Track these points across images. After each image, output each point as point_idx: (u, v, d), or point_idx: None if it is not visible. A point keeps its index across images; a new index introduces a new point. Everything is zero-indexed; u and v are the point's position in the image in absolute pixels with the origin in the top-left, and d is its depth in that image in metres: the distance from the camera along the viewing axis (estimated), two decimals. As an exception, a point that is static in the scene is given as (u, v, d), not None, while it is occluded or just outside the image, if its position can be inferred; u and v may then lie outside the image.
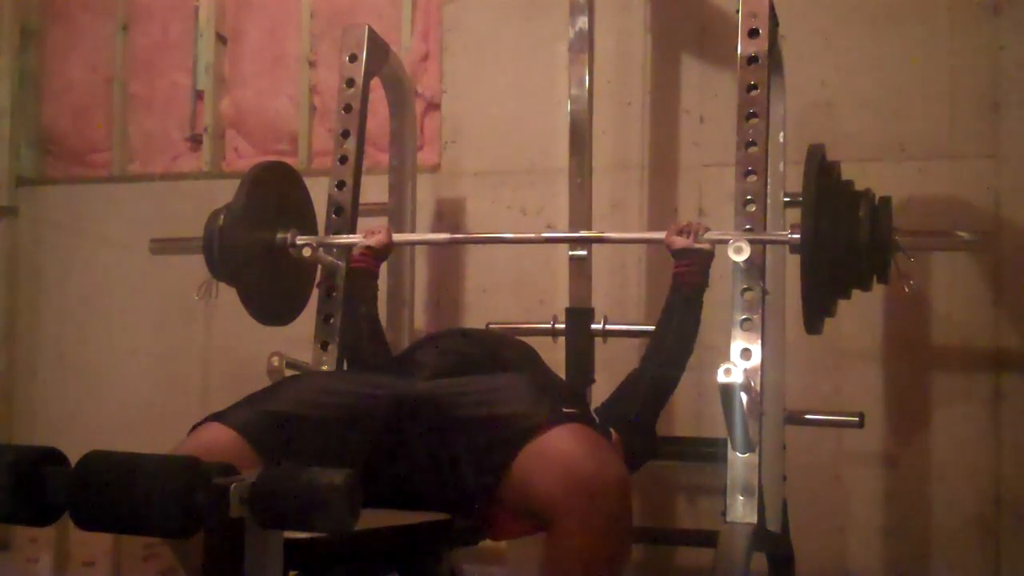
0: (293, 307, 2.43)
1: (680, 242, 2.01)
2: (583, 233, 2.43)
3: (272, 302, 2.35)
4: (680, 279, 1.98)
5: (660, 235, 2.07)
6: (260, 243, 2.27)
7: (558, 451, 1.50)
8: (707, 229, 2.02)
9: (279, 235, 2.30)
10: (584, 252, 2.47)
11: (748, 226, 2.00)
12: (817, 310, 1.98)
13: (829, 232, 1.92)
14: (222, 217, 2.24)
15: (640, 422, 1.89)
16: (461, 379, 1.72)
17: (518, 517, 1.60)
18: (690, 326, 1.95)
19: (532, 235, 2.57)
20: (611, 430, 1.75)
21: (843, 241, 1.93)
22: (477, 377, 1.73)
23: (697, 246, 1.99)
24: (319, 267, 2.36)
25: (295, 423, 1.64)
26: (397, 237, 2.28)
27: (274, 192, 2.33)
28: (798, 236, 1.94)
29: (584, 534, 1.45)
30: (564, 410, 1.58)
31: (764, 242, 2.01)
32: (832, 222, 1.93)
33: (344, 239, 2.31)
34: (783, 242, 2.01)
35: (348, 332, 2.19)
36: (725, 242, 2.00)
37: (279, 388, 1.79)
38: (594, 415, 1.79)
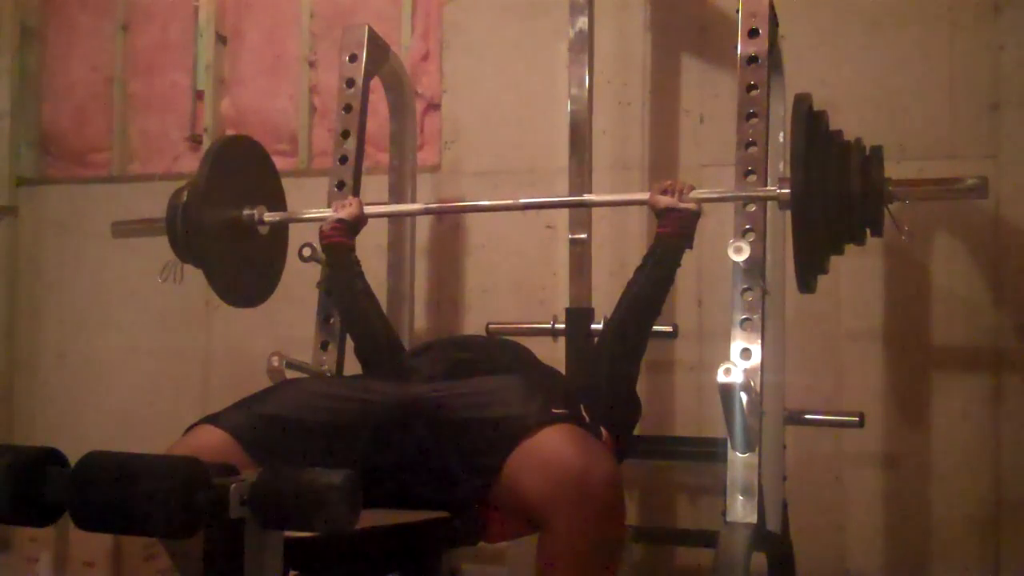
0: (264, 287, 2.36)
1: (664, 201, 1.96)
2: (563, 198, 2.40)
3: (242, 282, 2.27)
4: (661, 239, 1.93)
5: (645, 195, 2.04)
6: (226, 220, 2.19)
7: (547, 452, 1.50)
8: (692, 188, 1.98)
9: (246, 212, 2.24)
10: (584, 235, 2.47)
11: (748, 226, 1.99)
12: (810, 267, 1.94)
13: (820, 184, 1.87)
14: (185, 194, 2.15)
15: (614, 390, 1.85)
16: (454, 383, 1.72)
17: (512, 519, 1.60)
18: (659, 287, 1.90)
19: (509, 202, 2.37)
20: (602, 429, 1.75)
21: (835, 192, 1.88)
22: (470, 380, 1.73)
23: (682, 206, 1.94)
24: (282, 234, 2.31)
25: (289, 427, 1.63)
26: (368, 209, 2.23)
27: (240, 167, 2.25)
28: (788, 191, 1.90)
29: (576, 533, 1.46)
30: (554, 411, 1.58)
31: (752, 199, 1.97)
32: (822, 173, 1.88)
33: (315, 213, 2.26)
34: (772, 198, 1.96)
35: (352, 312, 2.12)
36: (711, 200, 2.00)
37: (274, 392, 1.79)
38: (585, 414, 1.78)
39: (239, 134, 2.42)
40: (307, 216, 2.29)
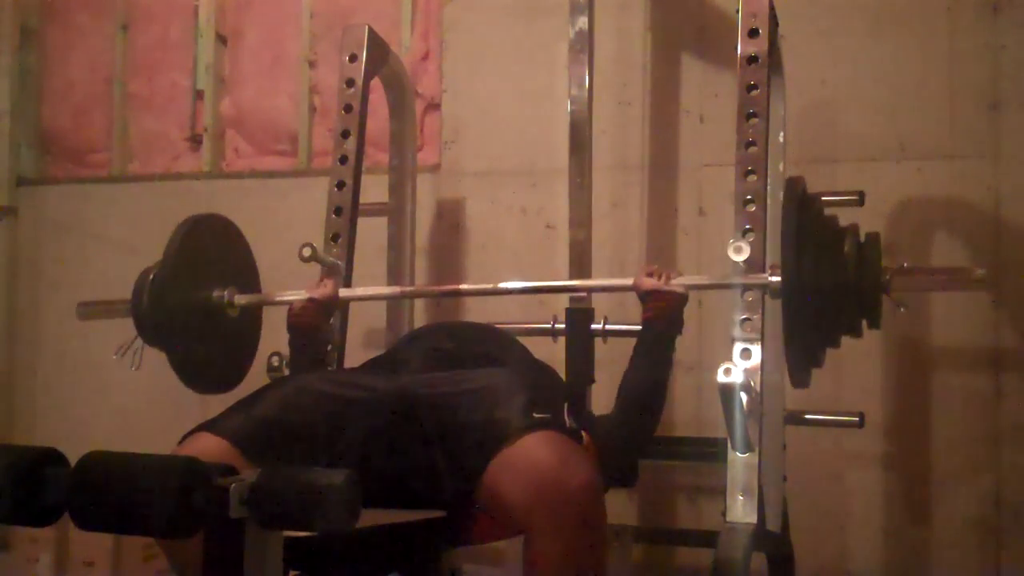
0: (233, 373, 2.25)
1: (649, 283, 1.93)
2: (547, 283, 2.34)
3: (209, 368, 2.17)
4: (647, 326, 1.90)
5: (628, 281, 2.00)
6: (194, 303, 2.13)
7: (526, 460, 1.50)
8: (679, 274, 1.95)
9: (216, 293, 2.18)
10: (584, 235, 2.45)
11: (748, 226, 1.99)
12: (802, 361, 1.86)
13: (812, 274, 1.78)
14: (151, 275, 2.10)
15: (619, 463, 1.84)
16: (440, 376, 1.72)
17: (496, 521, 1.61)
18: (653, 377, 1.85)
19: (489, 286, 2.29)
20: (583, 433, 1.75)
21: (828, 284, 1.78)
22: (455, 375, 1.73)
23: (667, 288, 1.91)
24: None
25: (283, 428, 1.63)
26: (344, 292, 2.20)
27: (211, 247, 2.19)
28: (778, 279, 1.84)
29: (557, 540, 1.46)
30: (535, 415, 1.58)
31: (741, 287, 1.91)
32: (815, 263, 1.79)
33: (288, 295, 2.18)
34: (763, 285, 1.90)
35: None
36: (699, 287, 1.97)
37: (264, 393, 1.78)
38: (566, 417, 1.77)
39: (209, 213, 2.31)
40: (280, 299, 2.22)
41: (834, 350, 1.86)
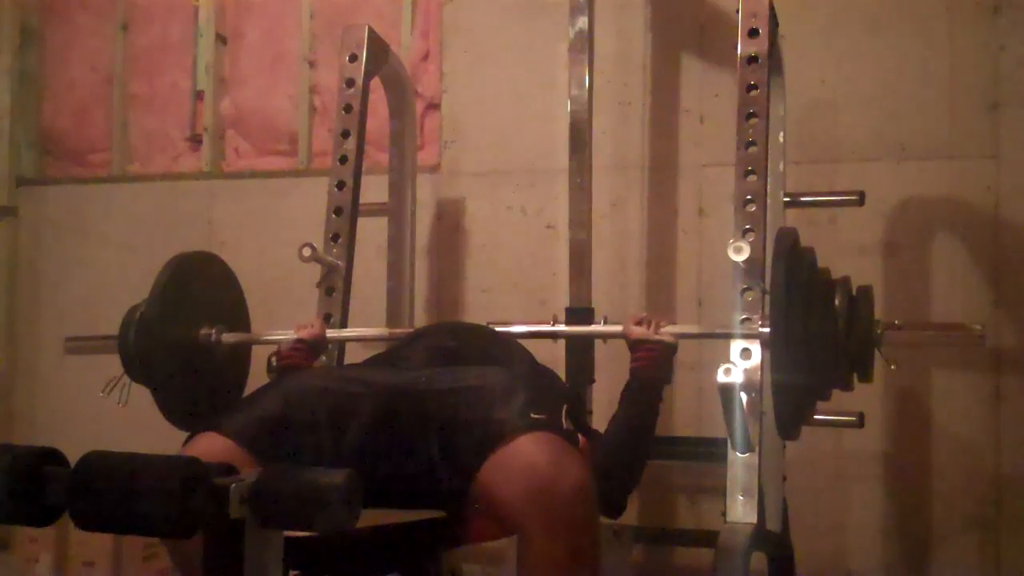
0: (220, 409, 2.16)
1: (638, 332, 1.92)
2: (538, 327, 2.24)
3: (194, 405, 2.14)
4: (635, 374, 1.88)
5: (618, 328, 2.00)
6: (181, 341, 2.12)
7: (521, 461, 1.51)
8: (670, 323, 1.95)
9: (203, 331, 2.17)
10: (584, 235, 2.46)
11: (748, 226, 1.99)
12: (792, 413, 1.82)
13: (800, 333, 1.73)
14: (138, 313, 2.09)
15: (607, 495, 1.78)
16: (439, 372, 1.72)
17: (491, 520, 1.61)
18: (639, 425, 1.83)
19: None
20: (579, 435, 1.74)
21: (817, 339, 1.74)
22: (455, 371, 1.73)
23: (656, 338, 1.90)
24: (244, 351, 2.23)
25: (287, 424, 1.64)
26: (331, 333, 2.21)
27: (199, 284, 2.19)
28: (768, 330, 1.81)
29: (549, 541, 1.47)
30: (532, 416, 1.58)
31: (731, 336, 1.91)
32: (804, 321, 1.74)
33: (277, 335, 2.19)
34: (754, 336, 1.89)
35: None
36: (689, 336, 1.98)
37: (267, 391, 1.79)
38: (563, 419, 1.76)
39: (200, 251, 2.30)
40: (267, 338, 2.23)
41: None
